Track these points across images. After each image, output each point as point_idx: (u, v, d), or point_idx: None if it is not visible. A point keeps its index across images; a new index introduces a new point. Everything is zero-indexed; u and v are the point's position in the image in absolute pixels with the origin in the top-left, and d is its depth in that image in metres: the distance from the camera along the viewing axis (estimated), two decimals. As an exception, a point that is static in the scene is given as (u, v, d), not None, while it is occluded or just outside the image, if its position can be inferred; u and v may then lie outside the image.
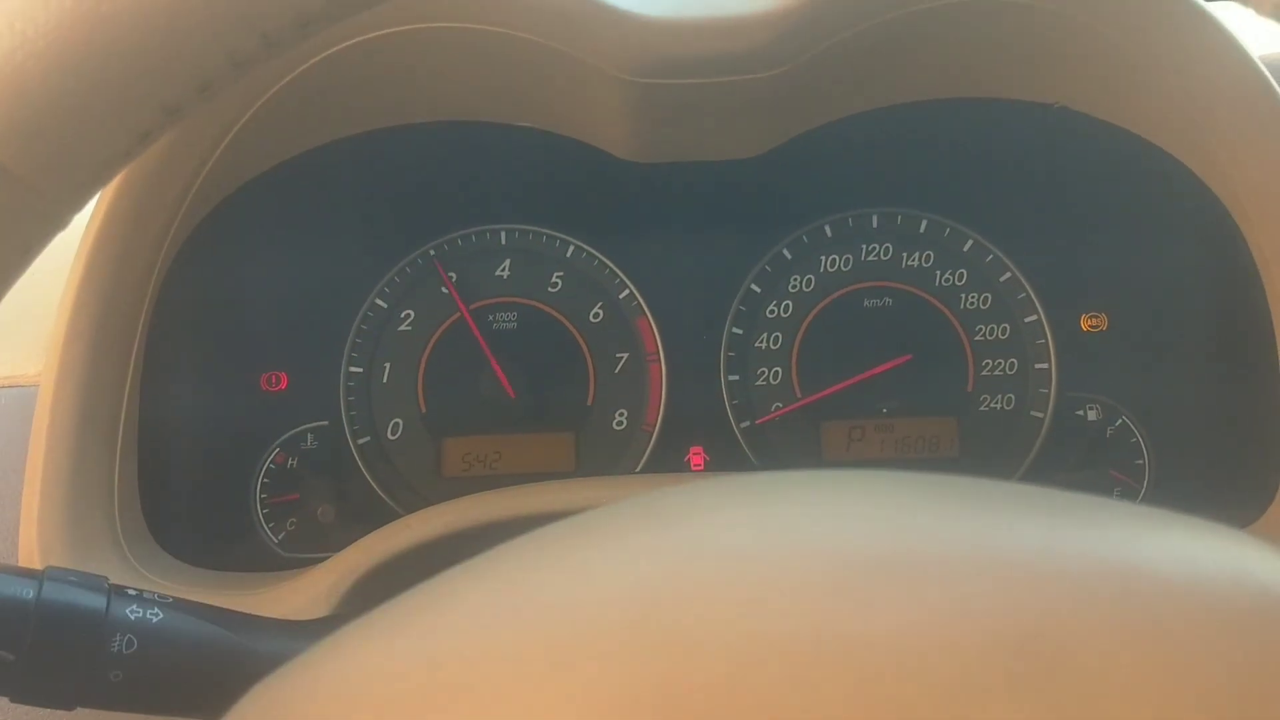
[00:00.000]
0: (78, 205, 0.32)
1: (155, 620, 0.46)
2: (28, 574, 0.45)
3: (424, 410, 0.75)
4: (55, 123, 0.30)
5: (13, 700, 0.46)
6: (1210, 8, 0.58)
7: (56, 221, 0.32)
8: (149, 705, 0.48)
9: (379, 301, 0.75)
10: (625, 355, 0.76)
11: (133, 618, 0.46)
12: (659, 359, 0.76)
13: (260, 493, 0.72)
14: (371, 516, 0.70)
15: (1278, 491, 0.63)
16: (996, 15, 0.59)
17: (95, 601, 0.46)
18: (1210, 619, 0.26)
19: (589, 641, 0.26)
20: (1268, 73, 0.58)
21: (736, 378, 0.76)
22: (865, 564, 0.27)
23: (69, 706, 0.46)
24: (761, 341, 0.76)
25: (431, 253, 0.76)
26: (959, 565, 0.27)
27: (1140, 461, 0.72)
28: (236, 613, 0.49)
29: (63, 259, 0.62)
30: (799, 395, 0.76)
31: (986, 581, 0.26)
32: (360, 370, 0.75)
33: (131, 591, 0.47)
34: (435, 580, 0.31)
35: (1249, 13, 0.32)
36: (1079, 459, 0.73)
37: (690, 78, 0.56)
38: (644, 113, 0.60)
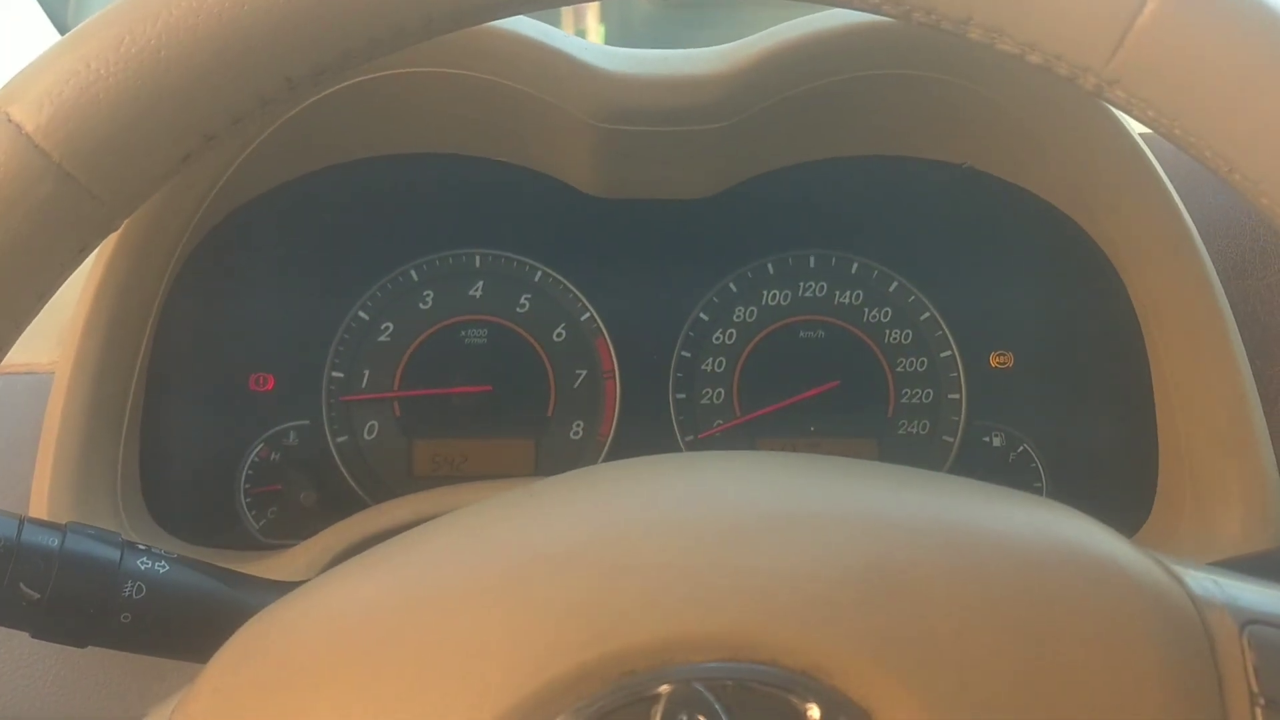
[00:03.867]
0: (127, 212, 0.36)
1: (162, 571, 0.52)
2: (53, 526, 0.52)
3: (398, 414, 0.82)
4: (117, 142, 0.34)
5: (33, 635, 0.52)
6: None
7: (108, 226, 0.35)
8: (152, 646, 0.54)
9: (361, 314, 0.82)
10: (584, 372, 0.83)
11: (142, 568, 0.52)
12: (614, 376, 0.83)
13: (245, 483, 0.79)
14: (346, 509, 0.76)
15: (1152, 509, 0.71)
16: (917, 86, 0.68)
17: (110, 553, 0.52)
18: (1018, 559, 0.33)
19: (535, 570, 0.33)
20: (1146, 148, 0.68)
21: (683, 396, 0.83)
22: (754, 514, 0.34)
23: (81, 644, 0.52)
24: (707, 364, 0.84)
25: (411, 272, 0.83)
26: (826, 515, 0.34)
27: (1039, 484, 0.80)
28: (232, 571, 0.56)
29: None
30: (738, 414, 0.83)
31: (846, 527, 0.34)
32: (341, 375, 0.82)
33: (141, 547, 0.54)
34: (408, 533, 0.37)
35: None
36: (983, 480, 0.81)
37: (649, 125, 0.64)
38: (608, 154, 0.68)
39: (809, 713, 0.29)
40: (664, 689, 0.30)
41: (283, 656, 0.33)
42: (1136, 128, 0.68)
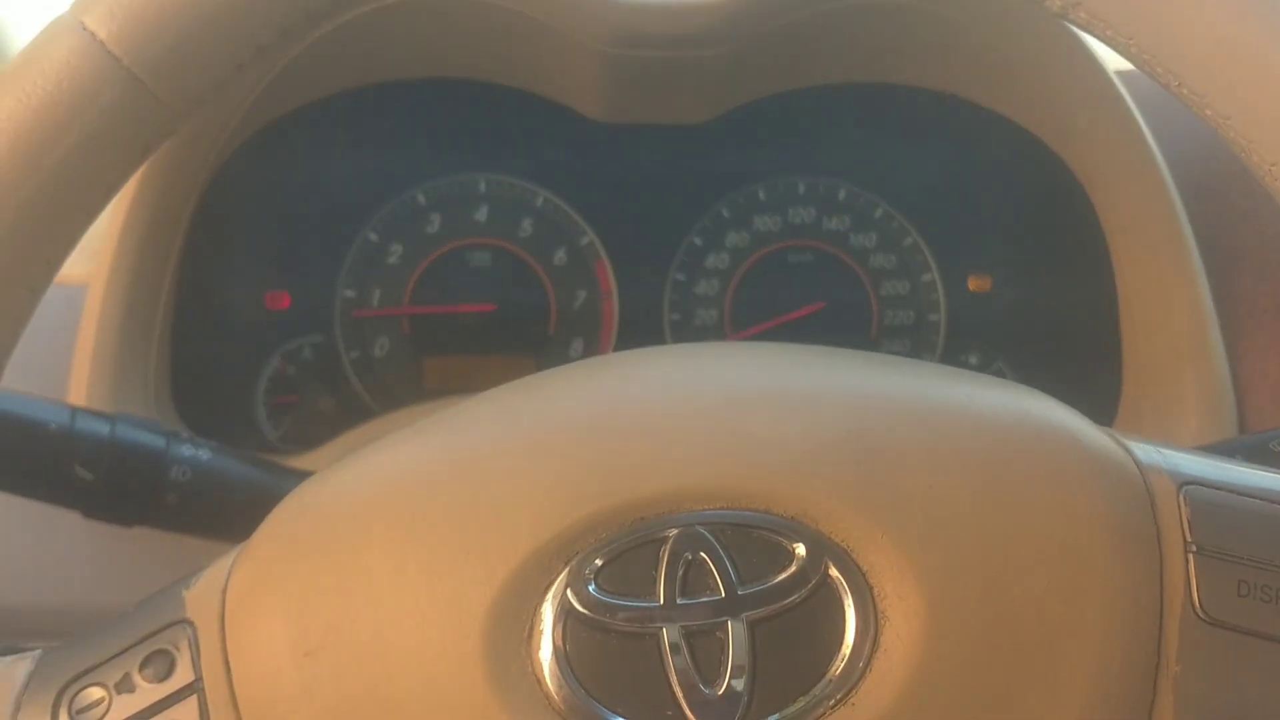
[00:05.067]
0: (187, 117, 0.38)
1: (205, 458, 0.57)
2: (104, 415, 0.56)
3: (408, 332, 0.86)
4: (180, 50, 0.35)
5: (84, 515, 0.56)
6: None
7: (169, 129, 0.37)
8: (196, 527, 0.58)
9: (371, 235, 0.86)
10: (584, 293, 0.87)
11: (187, 454, 0.56)
12: (612, 298, 0.86)
13: (264, 394, 0.83)
14: (359, 420, 0.80)
15: (1115, 419, 0.76)
16: (903, 13, 0.71)
17: (157, 440, 0.56)
18: (983, 425, 0.37)
19: (558, 434, 0.37)
20: (1113, 74, 0.72)
21: (678, 317, 0.87)
22: (751, 387, 0.38)
23: (129, 524, 0.56)
24: (700, 287, 0.88)
25: (419, 195, 0.87)
26: (814, 388, 0.38)
27: (1011, 399, 0.85)
28: (270, 460, 0.60)
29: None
30: (730, 334, 0.87)
31: (832, 396, 0.37)
32: (353, 294, 0.85)
33: (185, 435, 0.58)
34: (436, 415, 0.41)
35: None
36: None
37: (656, 50, 0.68)
38: (614, 79, 0.72)
39: (796, 551, 0.33)
40: (671, 532, 0.33)
41: (337, 508, 0.36)
42: (1110, 61, 0.72)
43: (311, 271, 0.85)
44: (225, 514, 0.57)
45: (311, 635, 0.33)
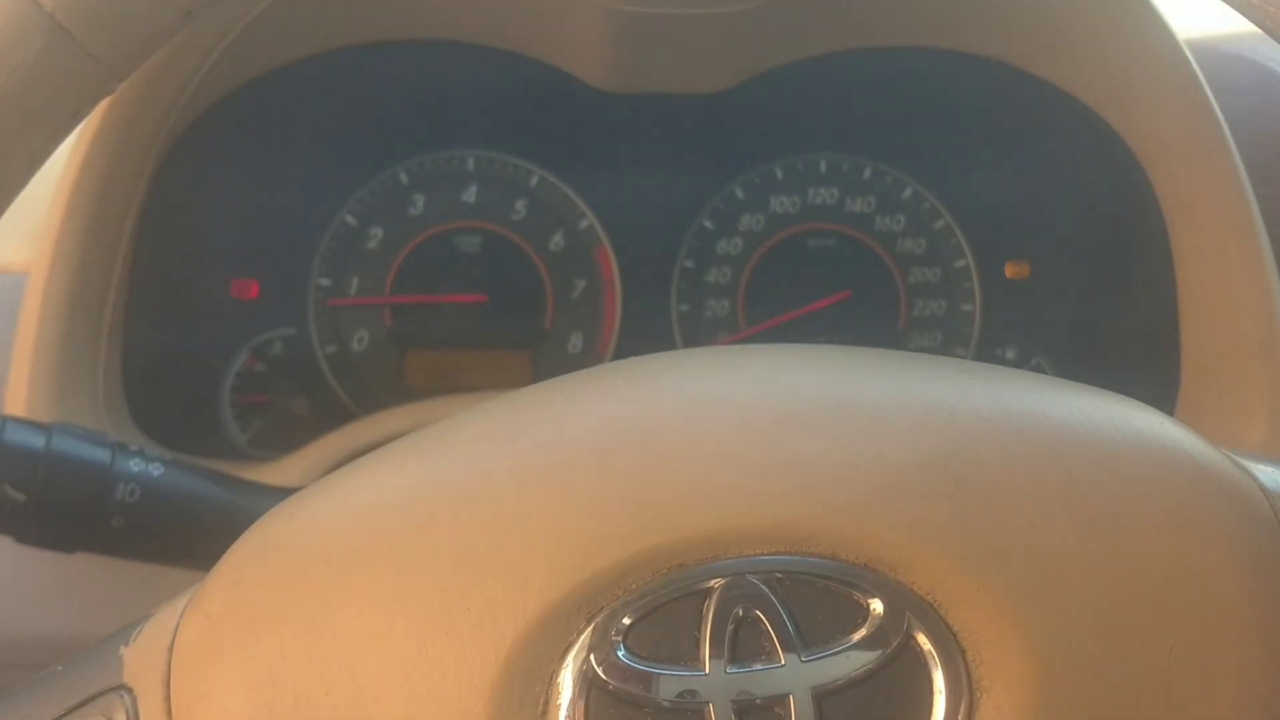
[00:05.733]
0: (124, 74, 0.35)
1: (157, 474, 0.50)
2: (38, 425, 0.49)
3: (389, 323, 0.79)
4: None
5: (18, 540, 0.49)
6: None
7: (104, 88, 0.34)
8: (146, 552, 0.51)
9: (349, 218, 0.78)
10: (583, 282, 0.80)
11: (135, 470, 0.49)
12: (614, 287, 0.80)
13: (230, 392, 0.75)
14: (336, 420, 0.73)
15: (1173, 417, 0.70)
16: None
17: (100, 454, 0.49)
18: (1091, 449, 0.32)
19: (579, 458, 0.31)
20: (1183, 44, 0.65)
21: (686, 308, 0.81)
22: (810, 400, 0.32)
23: (70, 549, 0.50)
24: (711, 275, 0.81)
25: (401, 174, 0.79)
26: (886, 402, 0.32)
27: (1052, 398, 0.79)
28: (230, 475, 0.53)
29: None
30: (743, 327, 0.81)
31: (908, 414, 0.32)
32: (328, 283, 0.78)
33: (134, 448, 0.51)
34: (433, 426, 0.35)
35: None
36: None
37: (669, 7, 0.61)
38: (621, 38, 0.65)
39: (872, 607, 0.28)
40: (716, 582, 0.28)
41: (309, 548, 0.31)
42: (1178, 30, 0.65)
43: (283, 257, 0.77)
44: (180, 538, 0.51)
45: (276, 709, 0.28)
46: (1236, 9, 0.32)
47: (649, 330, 0.80)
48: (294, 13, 0.66)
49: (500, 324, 0.79)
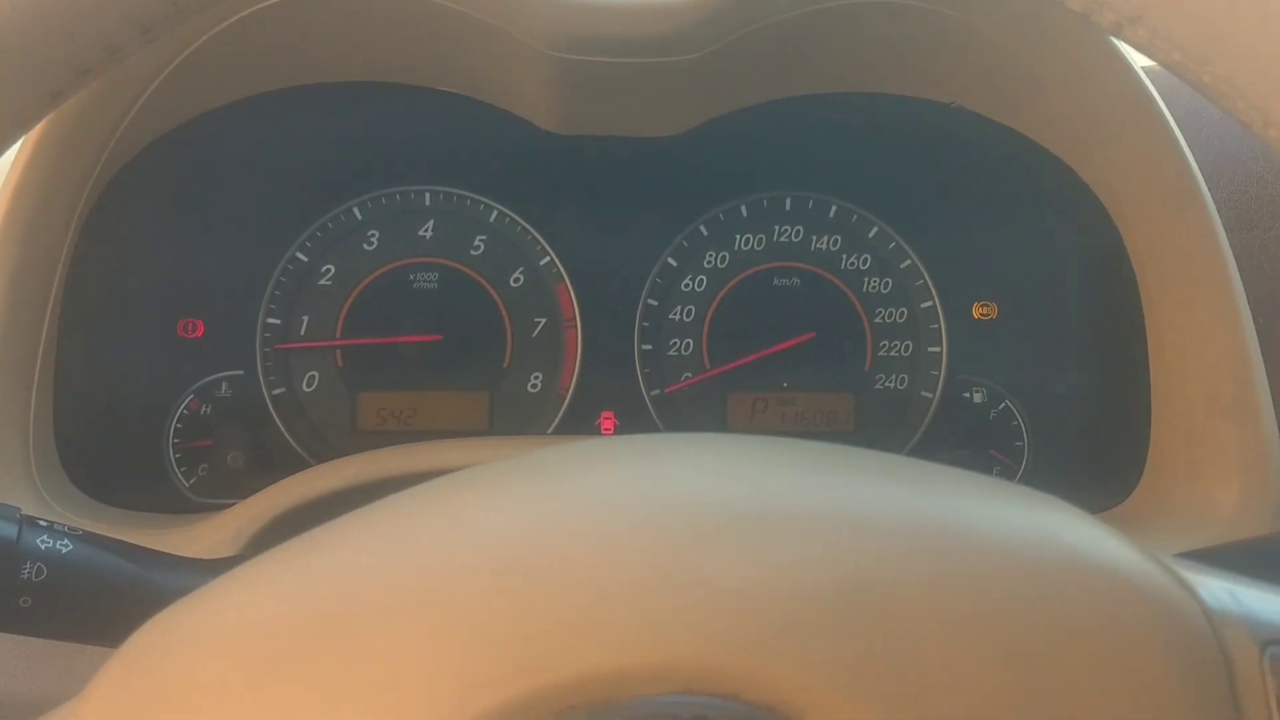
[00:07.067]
0: (30, 124, 0.33)
1: (65, 551, 0.47)
2: None
3: (340, 364, 0.76)
4: (35, 33, 0.31)
5: None
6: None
7: (10, 136, 0.32)
8: (55, 631, 0.49)
9: (300, 255, 0.76)
10: (543, 320, 0.78)
11: (43, 547, 0.47)
12: (575, 325, 0.78)
13: (173, 437, 0.73)
14: (283, 466, 0.71)
15: (1143, 475, 0.67)
16: (900, 16, 0.62)
17: (7, 530, 0.47)
18: (1013, 571, 0.29)
19: (460, 583, 0.29)
20: (1150, 84, 0.62)
21: (649, 347, 0.79)
22: (715, 518, 0.30)
23: None
24: (675, 313, 0.79)
25: (355, 209, 0.77)
26: (797, 520, 0.30)
27: (1020, 443, 0.77)
28: (143, 548, 0.51)
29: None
30: (708, 366, 0.79)
31: (821, 535, 0.29)
32: (278, 322, 0.76)
33: (43, 523, 0.48)
34: (327, 525, 0.33)
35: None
36: (963, 438, 0.77)
37: (613, 56, 0.58)
38: (567, 87, 0.62)
39: None
40: None
41: (175, 674, 0.29)
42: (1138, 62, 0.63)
43: (230, 296, 0.75)
44: (90, 618, 0.48)
45: None
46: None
47: (611, 369, 0.78)
48: (239, 51, 0.63)
49: (457, 364, 0.77)
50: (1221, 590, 0.31)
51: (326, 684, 0.27)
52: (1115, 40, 0.62)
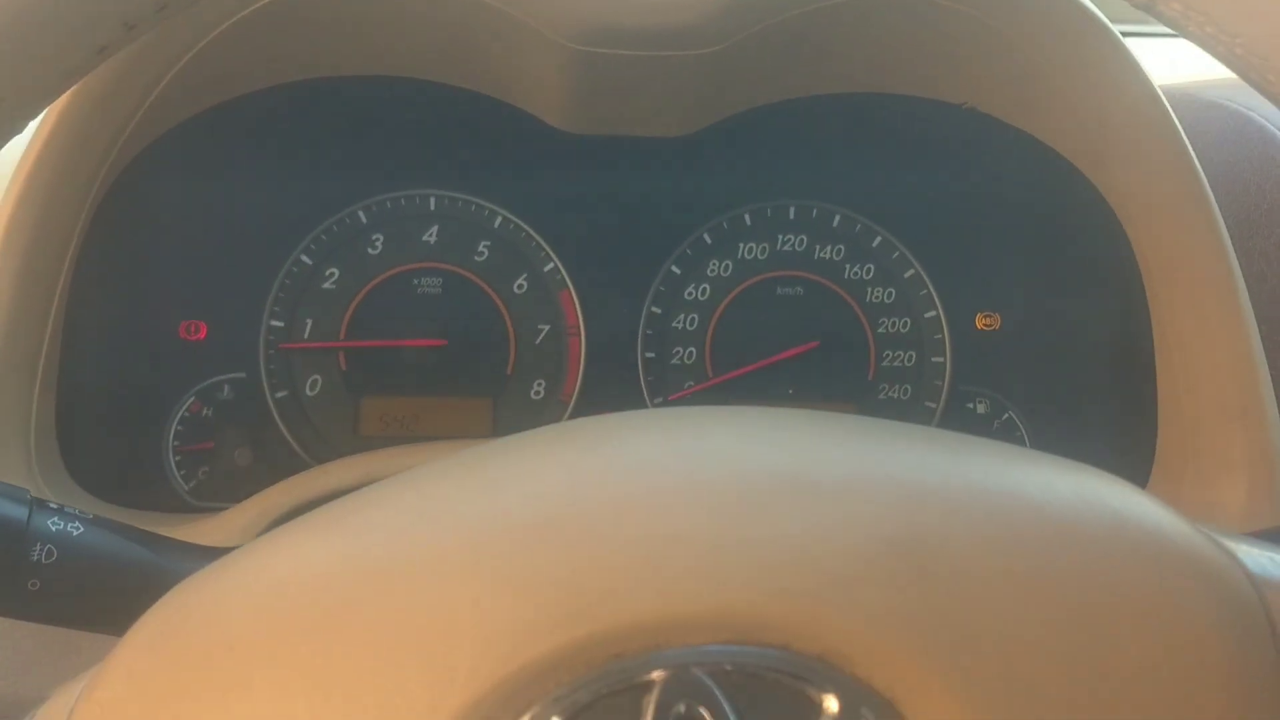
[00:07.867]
0: (35, 112, 0.33)
1: (76, 533, 0.46)
2: None
3: (344, 368, 0.76)
4: (21, 33, 0.31)
5: None
6: (1115, 30, 0.63)
7: (13, 127, 0.33)
8: (64, 616, 0.48)
9: (304, 257, 0.76)
10: (546, 327, 0.78)
11: (54, 529, 0.46)
12: (579, 333, 0.78)
13: (174, 439, 0.72)
14: (285, 470, 0.70)
15: (1148, 484, 0.68)
16: (917, 14, 0.63)
17: (17, 511, 0.46)
18: (1062, 532, 0.30)
19: (511, 534, 0.28)
20: (1161, 94, 0.64)
21: (652, 355, 0.78)
22: (764, 476, 0.30)
23: None
24: (679, 322, 0.79)
25: (360, 213, 0.77)
26: (849, 481, 0.30)
27: (1024, 454, 0.77)
28: (154, 534, 0.50)
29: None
30: (710, 375, 0.78)
31: (872, 495, 0.29)
32: (281, 325, 0.75)
33: (53, 505, 0.47)
34: (355, 494, 0.32)
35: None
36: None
37: (629, 49, 0.59)
38: (581, 81, 0.62)
39: (825, 704, 0.26)
40: (657, 675, 0.26)
41: (210, 634, 0.29)
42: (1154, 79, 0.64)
43: (233, 297, 0.74)
44: (99, 603, 0.47)
45: None
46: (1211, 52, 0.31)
47: (614, 377, 0.78)
48: (249, 43, 0.64)
49: (460, 369, 0.77)
50: (1261, 555, 0.31)
51: (378, 636, 0.27)
52: (1129, 49, 0.63)
